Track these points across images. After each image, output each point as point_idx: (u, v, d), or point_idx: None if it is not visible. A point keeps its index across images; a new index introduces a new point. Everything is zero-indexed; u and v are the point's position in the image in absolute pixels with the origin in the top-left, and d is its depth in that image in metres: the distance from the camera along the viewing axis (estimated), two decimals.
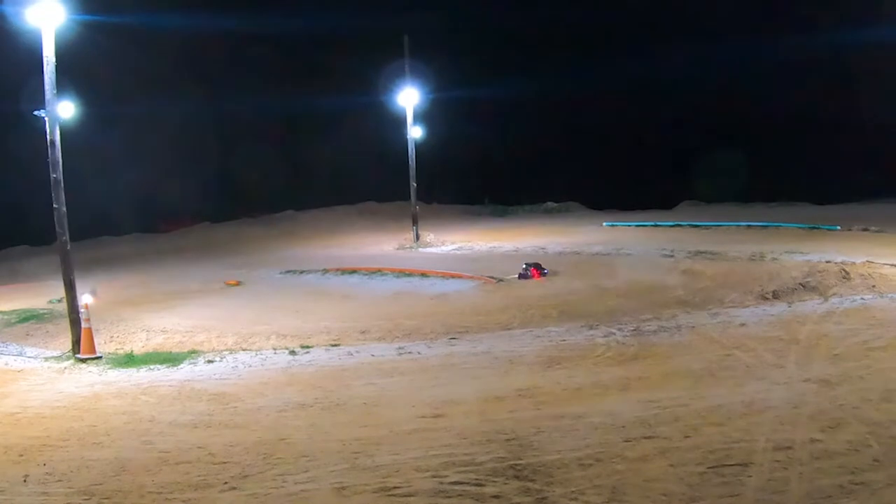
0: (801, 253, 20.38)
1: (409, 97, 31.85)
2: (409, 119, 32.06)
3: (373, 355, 12.71)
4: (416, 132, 32.32)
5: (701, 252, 22.10)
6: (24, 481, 7.81)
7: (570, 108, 46.88)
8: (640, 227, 31.29)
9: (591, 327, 13.96)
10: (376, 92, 33.92)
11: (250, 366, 12.46)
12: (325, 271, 23.88)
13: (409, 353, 12.77)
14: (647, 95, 44.75)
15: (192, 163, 40.01)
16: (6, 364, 14.67)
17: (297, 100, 43.97)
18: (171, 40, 37.26)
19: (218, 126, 45.28)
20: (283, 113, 45.11)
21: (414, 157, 32.23)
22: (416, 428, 8.62)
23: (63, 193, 15.02)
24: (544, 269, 20.91)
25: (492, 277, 20.60)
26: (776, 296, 15.88)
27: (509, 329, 14.58)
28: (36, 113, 15.13)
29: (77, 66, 18.64)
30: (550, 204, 43.15)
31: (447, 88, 36.87)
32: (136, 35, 31.29)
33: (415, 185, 32.41)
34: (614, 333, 13.25)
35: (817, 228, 26.21)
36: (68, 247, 15.24)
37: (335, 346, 13.71)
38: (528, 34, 49.61)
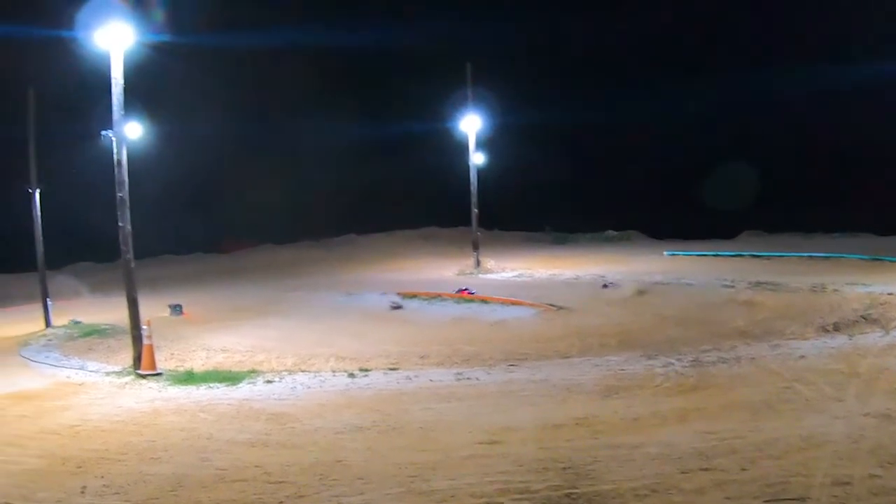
0: (863, 284, 19.71)
1: (471, 123, 31.96)
2: (472, 145, 32.14)
3: (431, 380, 12.60)
4: (477, 158, 32.38)
5: (762, 283, 21.57)
6: (82, 492, 7.86)
7: (630, 136, 46.64)
8: (701, 257, 30.74)
9: (649, 357, 13.66)
10: (440, 118, 34.18)
11: (309, 387, 12.44)
12: (386, 294, 23.92)
13: (468, 378, 12.63)
14: (709, 124, 44.27)
15: (255, 184, 40.54)
16: (68, 377, 14.96)
17: (363, 125, 44.48)
18: (235, 60, 37.81)
19: (282, 148, 45.90)
20: (347, 137, 45.57)
21: (476, 182, 32.26)
22: (472, 454, 8.46)
23: (128, 212, 15.29)
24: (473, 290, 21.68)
25: (552, 305, 20.38)
26: (837, 328, 15.33)
27: (568, 357, 14.34)
28: (104, 133, 15.46)
29: (144, 88, 19.02)
30: (611, 232, 42.84)
31: (510, 115, 36.93)
32: (197, 55, 31.83)
33: (476, 211, 32.41)
34: (673, 364, 12.94)
35: (879, 260, 25.41)
36: (132, 264, 15.49)
37: (394, 369, 13.63)
38: (589, 61, 49.53)
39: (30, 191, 23.92)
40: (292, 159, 44.88)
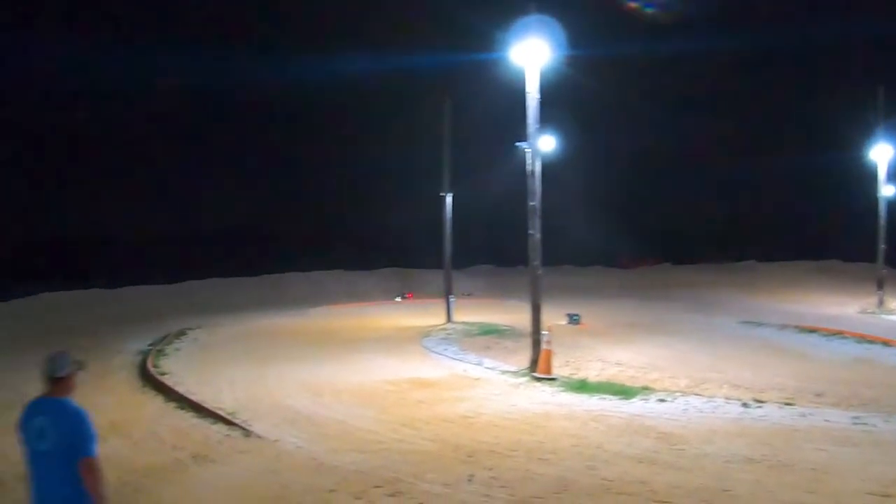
0: None
1: (882, 153, 28.60)
2: (882, 175, 28.73)
3: (826, 420, 11.23)
4: (888, 191, 28.93)
5: None
6: (469, 480, 8.05)
7: None
8: None
9: None
10: (843, 144, 31.11)
11: (701, 411, 11.75)
12: (784, 327, 22.24)
13: (864, 424, 11.03)
14: None
15: (656, 200, 40.19)
16: (465, 371, 15.79)
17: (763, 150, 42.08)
18: (650, 69, 37.54)
19: (689, 163, 45.01)
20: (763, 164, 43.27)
21: (885, 216, 28.89)
22: None
23: (538, 221, 15.73)
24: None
25: None
26: None
27: None
28: (518, 144, 16.10)
29: (557, 101, 19.55)
30: None
31: None
32: (610, 66, 32.16)
33: (884, 246, 28.97)
34: None
35: None
36: (539, 271, 15.90)
37: (788, 404, 12.39)
38: None
39: (442, 195, 25.99)
40: (695, 177, 43.73)
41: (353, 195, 42.49)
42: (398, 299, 35.37)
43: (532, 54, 15.46)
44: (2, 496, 8.29)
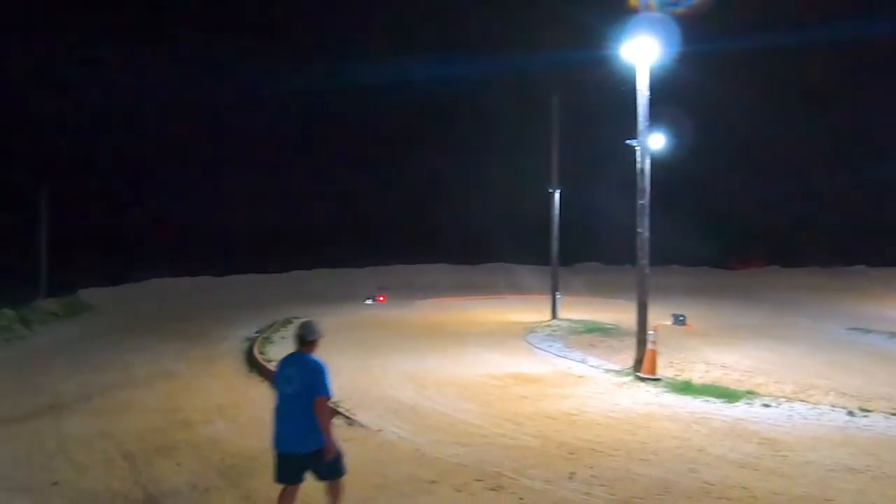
0: None
1: None
2: None
3: None
4: None
5: None
6: (570, 478, 8.11)
7: None
8: None
9: None
10: None
11: (805, 418, 11.44)
12: (894, 335, 21.30)
13: None
14: None
15: (765, 200, 39.05)
16: (568, 368, 15.82)
17: None
18: (761, 62, 36.42)
19: (797, 161, 43.54)
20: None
21: None
22: None
23: (647, 219, 15.57)
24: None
25: None
26: None
27: None
28: (628, 142, 15.99)
29: (669, 98, 19.31)
30: None
31: None
32: (722, 62, 31.39)
33: None
34: None
35: None
36: (646, 270, 15.75)
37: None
38: None
39: (550, 191, 25.99)
40: (806, 174, 42.21)
41: (463, 192, 42.86)
42: (368, 301, 33.74)
43: (643, 51, 15.33)
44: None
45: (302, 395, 6.27)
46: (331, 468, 6.45)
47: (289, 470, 6.40)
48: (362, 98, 43.48)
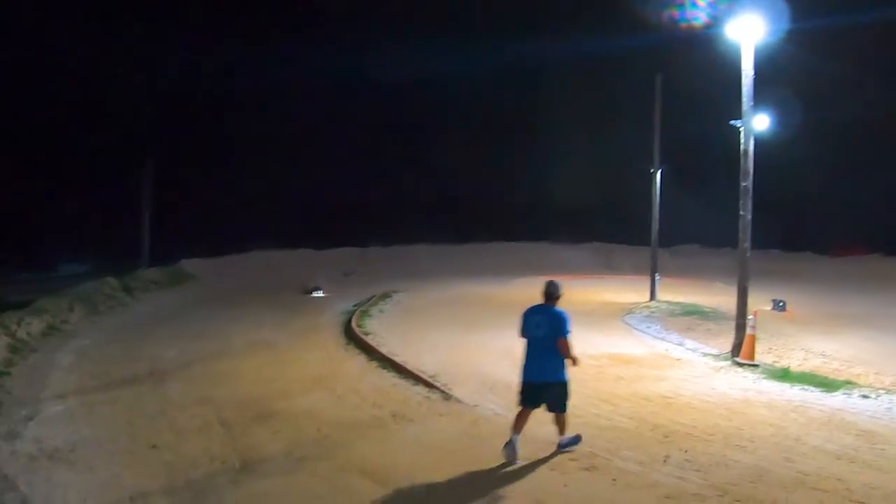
0: None
1: None
2: None
3: None
4: None
5: None
6: (664, 461, 8.25)
7: None
8: None
9: None
10: None
11: None
12: None
13: None
14: None
15: (873, 186, 37.43)
16: (665, 350, 15.83)
17: None
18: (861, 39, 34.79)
19: None
20: None
21: None
22: None
23: (750, 202, 15.37)
24: None
25: None
26: None
27: None
28: (732, 123, 15.75)
29: (775, 78, 18.86)
30: None
31: None
32: (831, 38, 30.19)
33: None
34: None
35: None
36: (748, 254, 15.57)
37: None
38: None
39: (651, 171, 25.71)
40: None
41: (564, 169, 42.57)
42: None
43: (748, 30, 15.06)
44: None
45: (548, 338, 8.25)
46: (560, 403, 8.39)
47: (530, 396, 8.40)
48: (472, 79, 43.60)
